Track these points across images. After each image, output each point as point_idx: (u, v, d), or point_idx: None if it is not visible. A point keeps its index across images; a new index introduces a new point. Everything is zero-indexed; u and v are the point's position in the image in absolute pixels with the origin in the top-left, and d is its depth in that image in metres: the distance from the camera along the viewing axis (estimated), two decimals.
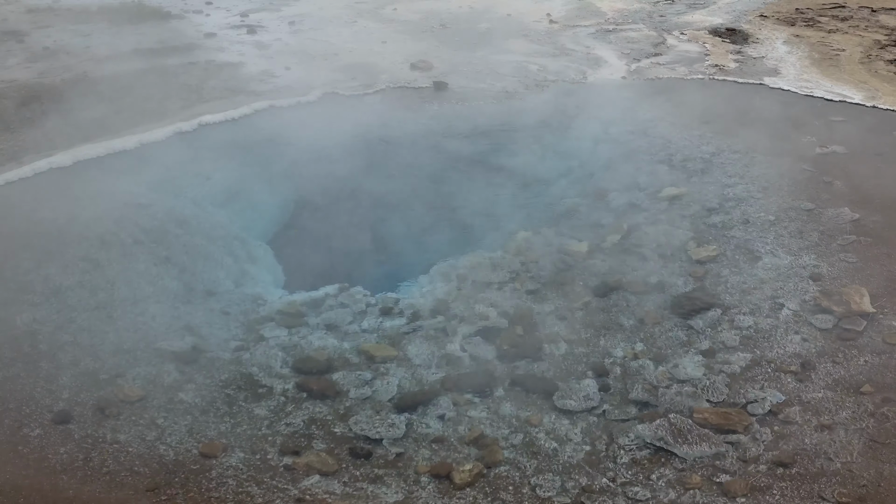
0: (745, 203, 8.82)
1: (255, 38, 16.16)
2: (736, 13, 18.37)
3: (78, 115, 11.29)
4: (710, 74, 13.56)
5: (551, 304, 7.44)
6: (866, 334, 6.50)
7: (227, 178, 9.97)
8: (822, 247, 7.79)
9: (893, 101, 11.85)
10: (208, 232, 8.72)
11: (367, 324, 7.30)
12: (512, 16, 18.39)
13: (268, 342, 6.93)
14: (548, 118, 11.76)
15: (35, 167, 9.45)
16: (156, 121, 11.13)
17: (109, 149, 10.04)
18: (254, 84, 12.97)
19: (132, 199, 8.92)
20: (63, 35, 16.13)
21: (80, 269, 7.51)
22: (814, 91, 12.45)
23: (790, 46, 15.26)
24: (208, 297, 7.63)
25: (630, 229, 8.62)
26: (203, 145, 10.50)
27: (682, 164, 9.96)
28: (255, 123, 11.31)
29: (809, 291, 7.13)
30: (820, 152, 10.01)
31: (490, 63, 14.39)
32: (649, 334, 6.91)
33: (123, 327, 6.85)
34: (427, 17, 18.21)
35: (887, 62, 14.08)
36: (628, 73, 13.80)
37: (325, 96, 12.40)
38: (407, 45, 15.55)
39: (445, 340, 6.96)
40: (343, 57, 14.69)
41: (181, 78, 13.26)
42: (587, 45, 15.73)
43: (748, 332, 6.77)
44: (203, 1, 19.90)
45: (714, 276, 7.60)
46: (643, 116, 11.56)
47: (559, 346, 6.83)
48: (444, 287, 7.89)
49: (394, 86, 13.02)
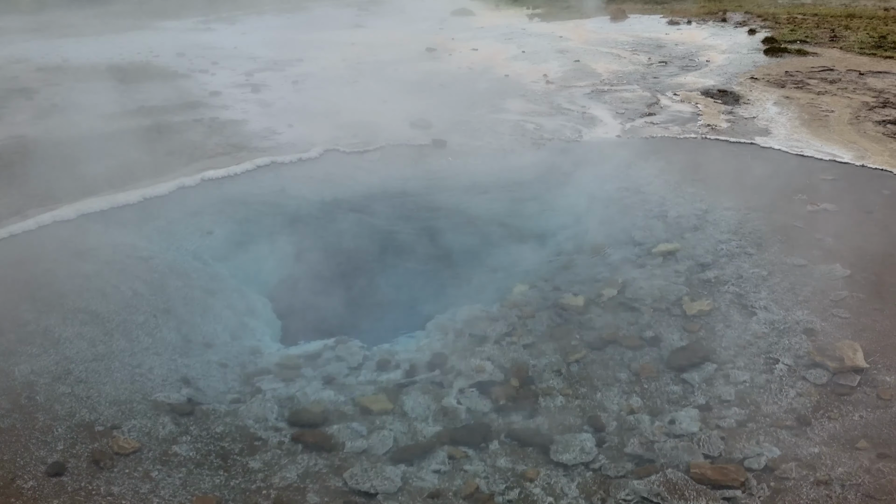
0: (739, 259, 8.95)
1: (259, 96, 16.60)
2: (727, 75, 18.89)
3: (84, 169, 11.52)
4: (703, 134, 13.89)
5: (547, 358, 7.47)
6: (861, 389, 6.53)
7: (229, 231, 10.12)
8: (815, 302, 7.88)
9: (882, 161, 12.11)
10: (208, 285, 8.81)
11: (364, 377, 7.33)
12: (510, 76, 18.90)
13: (264, 394, 6.94)
14: (544, 175, 12.01)
15: (39, 220, 9.61)
16: (160, 175, 11.36)
17: (113, 202, 10.23)
18: (256, 140, 13.27)
19: (134, 252, 9.05)
20: (71, 92, 16.57)
21: (79, 320, 7.58)
22: (804, 150, 12.74)
23: (780, 107, 15.66)
24: (206, 349, 7.66)
25: (625, 284, 8.72)
26: (205, 199, 10.71)
27: (676, 220, 10.13)
28: (256, 179, 11.55)
29: (803, 346, 7.18)
30: (811, 210, 10.19)
31: (488, 122, 14.75)
32: (645, 388, 6.93)
33: (120, 379, 6.86)
34: (427, 78, 18.72)
35: (875, 123, 14.43)
36: (623, 132, 14.13)
37: (326, 153, 12.68)
38: (407, 104, 15.95)
39: (442, 394, 6.97)
40: (344, 115, 15.05)
41: (186, 134, 13.57)
42: (583, 105, 16.13)
43: (743, 386, 6.79)
44: (209, 61, 20.51)
45: (709, 331, 7.66)
46: (637, 174, 11.80)
47: (555, 399, 6.85)
48: (440, 340, 7.95)
49: (394, 143, 13.32)
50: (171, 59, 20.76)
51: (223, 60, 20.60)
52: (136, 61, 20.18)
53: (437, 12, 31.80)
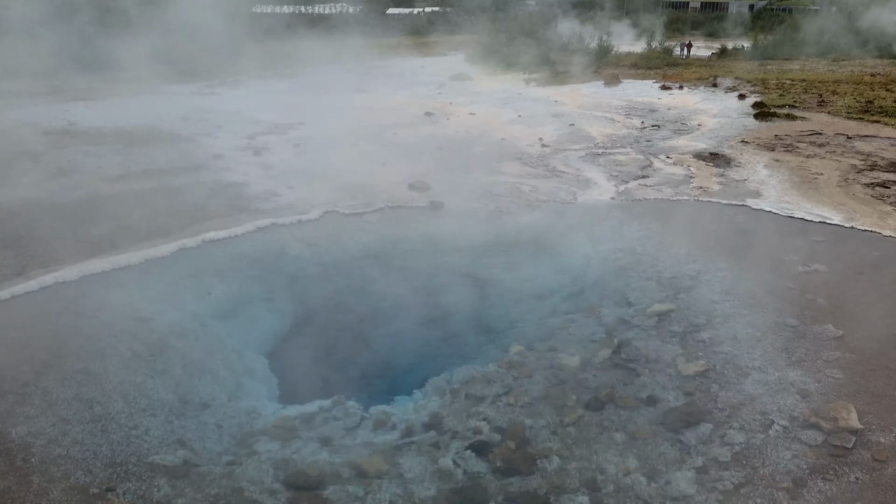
0: (732, 319, 9.05)
1: (261, 159, 16.94)
2: (719, 139, 19.34)
3: (87, 231, 11.71)
4: (696, 196, 14.16)
5: (544, 419, 7.49)
6: (856, 451, 6.55)
7: (228, 292, 10.23)
8: (809, 363, 7.95)
9: (871, 223, 12.34)
10: (206, 345, 8.87)
11: (361, 438, 7.33)
12: (506, 140, 19.33)
13: (260, 456, 6.93)
14: (540, 236, 12.21)
15: (41, 281, 9.73)
16: (161, 237, 11.54)
17: (115, 264, 10.38)
18: (257, 202, 13.51)
19: (134, 313, 9.14)
20: (77, 156, 16.90)
21: (77, 381, 7.62)
22: (795, 212, 12.99)
23: (771, 170, 16.00)
24: (203, 410, 7.68)
25: (621, 344, 8.79)
26: (206, 260, 10.86)
27: (670, 281, 10.28)
28: (257, 240, 11.73)
29: (798, 407, 7.22)
30: (802, 271, 10.35)
31: (485, 184, 15.04)
32: (641, 449, 6.94)
33: (117, 441, 6.87)
34: (425, 141, 19.14)
35: (864, 185, 14.74)
36: (617, 194, 14.41)
37: (325, 214, 12.91)
38: (405, 167, 16.28)
39: (438, 455, 6.97)
40: (344, 177, 15.35)
41: (188, 196, 13.82)
42: (577, 168, 16.47)
43: (740, 447, 6.80)
44: (213, 124, 20.98)
45: (704, 392, 7.70)
46: (632, 235, 12.00)
47: (552, 461, 6.84)
48: (437, 401, 7.97)
49: (392, 205, 13.56)
50: (175, 122, 21.24)
51: (226, 124, 21.06)
52: (141, 125, 20.63)
53: (436, 77, 32.67)
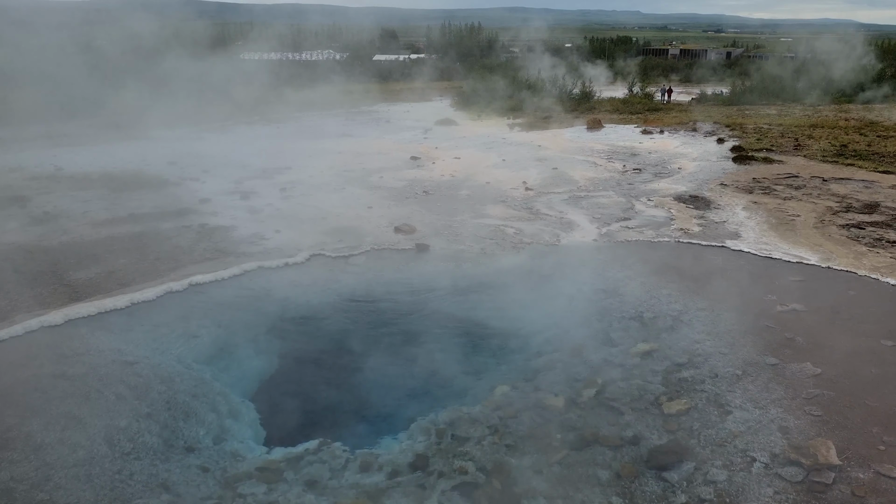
0: (713, 358, 9.19)
1: (248, 203, 17.11)
2: (698, 181, 19.76)
3: (72, 275, 11.74)
4: (676, 237, 14.43)
5: (529, 459, 7.53)
6: (835, 487, 6.64)
7: (214, 335, 10.26)
8: (788, 400, 8.08)
9: (847, 263, 12.62)
10: (191, 388, 8.87)
11: (347, 479, 7.32)
12: (490, 184, 19.64)
13: (245, 499, 6.91)
14: (524, 278, 12.37)
15: (26, 326, 9.74)
16: (148, 281, 11.60)
17: (101, 307, 10.41)
18: (244, 246, 13.62)
19: (119, 357, 9.15)
20: (63, 200, 16.99)
21: (61, 425, 7.59)
22: (772, 253, 13.27)
23: (749, 212, 16.35)
24: (187, 453, 7.65)
25: (604, 384, 8.88)
26: (192, 304, 10.91)
27: (652, 321, 10.43)
28: (243, 283, 11.81)
29: (778, 444, 7.32)
30: (781, 310, 10.55)
31: (469, 227, 15.25)
32: (626, 488, 6.98)
33: (100, 485, 6.83)
34: (411, 185, 19.41)
35: (840, 227, 15.09)
36: (599, 236, 14.65)
37: (312, 257, 13.03)
38: (391, 210, 16.50)
39: (424, 496, 6.98)
40: (331, 221, 15.53)
41: (174, 240, 13.91)
42: (560, 211, 16.75)
43: (722, 485, 6.87)
44: (200, 169, 21.18)
45: (687, 430, 7.79)
46: (614, 276, 12.20)
47: (537, 501, 6.87)
48: (423, 442, 7.99)
49: (378, 248, 13.72)
50: (162, 167, 21.41)
51: (213, 168, 21.25)
52: (129, 170, 20.78)
53: (422, 122, 33.21)
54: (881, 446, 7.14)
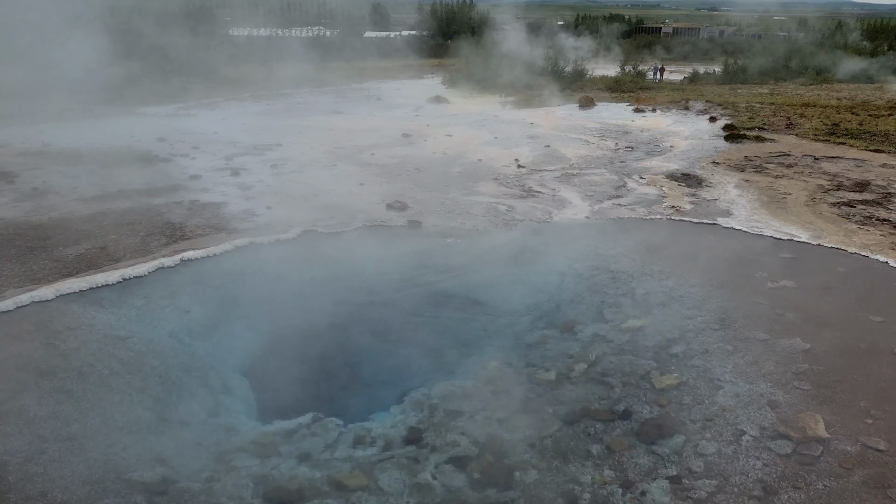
0: (704, 334, 9.26)
1: (239, 179, 16.98)
2: (690, 160, 19.77)
3: (63, 251, 11.66)
4: (668, 215, 14.47)
5: (521, 433, 7.59)
6: (823, 459, 6.74)
7: (206, 311, 10.24)
8: (778, 375, 8.16)
9: (837, 240, 12.70)
10: (184, 363, 8.87)
11: (340, 453, 7.37)
12: (483, 161, 19.58)
13: (239, 472, 6.94)
14: (516, 255, 12.38)
15: (17, 300, 9.67)
16: (139, 257, 11.53)
17: (92, 283, 10.35)
18: (235, 222, 13.54)
19: (111, 332, 9.12)
20: (52, 176, 16.81)
21: (54, 399, 7.58)
22: (764, 231, 13.33)
23: (741, 190, 16.40)
24: (181, 427, 7.67)
25: (596, 359, 8.95)
26: (184, 280, 10.87)
27: (643, 297, 10.49)
28: (235, 259, 11.76)
29: (768, 418, 7.41)
30: (771, 287, 10.62)
31: (462, 204, 15.22)
32: (617, 461, 7.06)
33: (94, 458, 6.84)
34: (403, 162, 19.32)
35: (830, 205, 15.16)
36: (591, 214, 14.67)
37: (303, 234, 12.98)
38: (383, 187, 16.43)
39: (417, 469, 7.03)
40: (322, 197, 15.45)
41: (165, 216, 13.82)
42: (553, 188, 16.74)
43: (712, 458, 6.96)
44: (190, 145, 20.99)
45: (677, 404, 7.86)
46: (606, 253, 12.23)
47: (529, 473, 6.93)
48: (416, 416, 8.04)
49: (370, 224, 13.68)
50: (151, 143, 21.20)
51: (203, 145, 21.07)
52: (117, 146, 20.56)
53: (413, 99, 33.00)
54: (868, 420, 7.24)
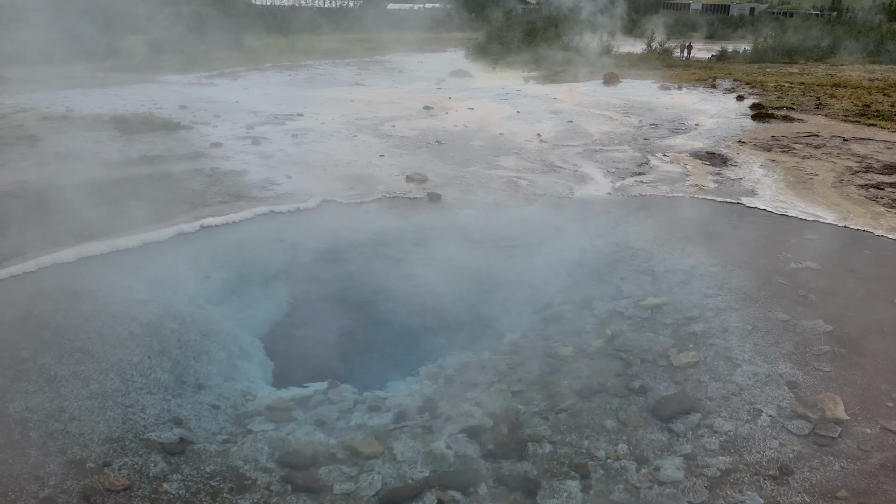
0: (724, 313, 9.16)
1: (260, 148, 16.99)
2: (715, 138, 19.45)
3: (85, 215, 11.75)
4: (691, 193, 14.27)
5: (536, 405, 7.58)
6: (841, 441, 6.66)
7: (225, 277, 10.30)
8: (798, 356, 8.06)
9: (864, 223, 12.46)
10: (203, 328, 8.94)
11: (355, 420, 7.41)
12: (504, 135, 19.41)
13: (255, 436, 7.00)
14: (536, 229, 12.30)
15: (39, 262, 9.79)
16: (159, 222, 11.60)
17: (113, 247, 10.44)
18: (255, 190, 13.57)
19: (131, 295, 9.20)
20: (75, 141, 16.92)
21: (75, 359, 7.68)
22: (789, 211, 13.11)
23: (766, 170, 16.12)
24: (199, 390, 7.75)
25: (614, 335, 8.89)
26: (203, 246, 10.93)
27: (663, 275, 10.38)
28: (254, 227, 11.81)
29: (786, 398, 7.33)
30: (795, 267, 10.46)
31: (482, 178, 15.12)
32: (631, 436, 7.03)
33: (113, 417, 6.93)
34: (424, 134, 19.21)
35: (858, 186, 14.87)
36: (613, 190, 14.51)
37: (323, 203, 12.98)
38: (403, 159, 16.36)
39: (431, 438, 7.05)
40: (342, 168, 15.43)
41: (186, 183, 13.87)
42: (574, 164, 16.57)
43: (728, 436, 6.90)
44: (211, 114, 21.03)
45: (694, 382, 7.80)
46: (627, 230, 12.11)
47: (543, 446, 6.93)
48: (431, 386, 8.06)
49: (389, 196, 13.64)
50: (173, 111, 21.27)
51: (225, 114, 21.10)
52: (140, 113, 20.64)
53: (436, 73, 32.75)
54: (889, 403, 7.13)
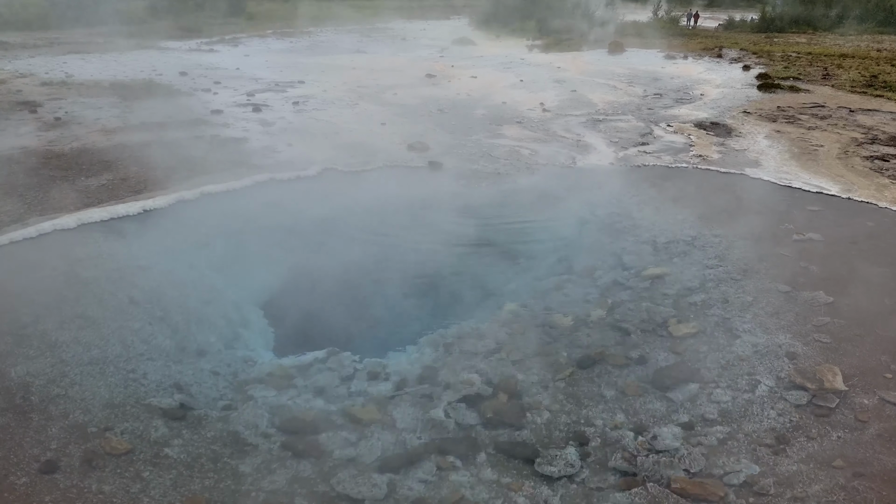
0: (725, 284, 9.14)
1: (260, 115, 16.87)
2: (720, 109, 19.27)
3: (85, 181, 11.71)
4: (694, 164, 14.17)
5: (535, 375, 7.60)
6: (839, 411, 6.68)
7: (226, 244, 10.29)
8: (798, 327, 8.06)
9: (868, 194, 12.38)
10: (203, 295, 8.95)
11: (355, 388, 7.44)
12: (507, 104, 19.25)
13: (255, 402, 7.04)
14: (538, 199, 12.25)
15: (39, 228, 9.77)
16: (160, 189, 11.56)
17: (113, 213, 10.41)
18: (256, 158, 13.49)
19: (132, 262, 9.20)
20: (74, 107, 16.81)
21: (76, 325, 7.70)
22: (792, 182, 13.02)
23: (771, 141, 15.99)
24: (199, 357, 7.78)
25: (614, 305, 8.89)
26: (204, 213, 10.90)
27: (665, 245, 10.34)
28: (255, 194, 11.76)
29: (785, 369, 7.34)
30: (797, 239, 10.42)
31: (484, 146, 15.02)
32: (630, 405, 7.06)
33: (114, 383, 6.97)
34: (425, 103, 19.04)
35: (863, 158, 14.75)
36: (616, 160, 14.41)
37: (324, 171, 12.92)
38: (405, 128, 16.24)
39: (430, 406, 7.09)
40: (343, 136, 15.32)
41: (187, 150, 13.79)
42: (577, 133, 16.44)
43: (726, 406, 6.93)
44: (212, 81, 20.85)
45: (694, 352, 7.81)
46: (629, 200, 12.04)
47: (542, 414, 6.97)
48: (431, 355, 8.08)
49: (391, 164, 13.57)
50: (173, 77, 21.09)
51: (225, 80, 20.92)
52: (140, 79, 20.48)
53: (438, 40, 32.38)
54: (888, 374, 7.14)
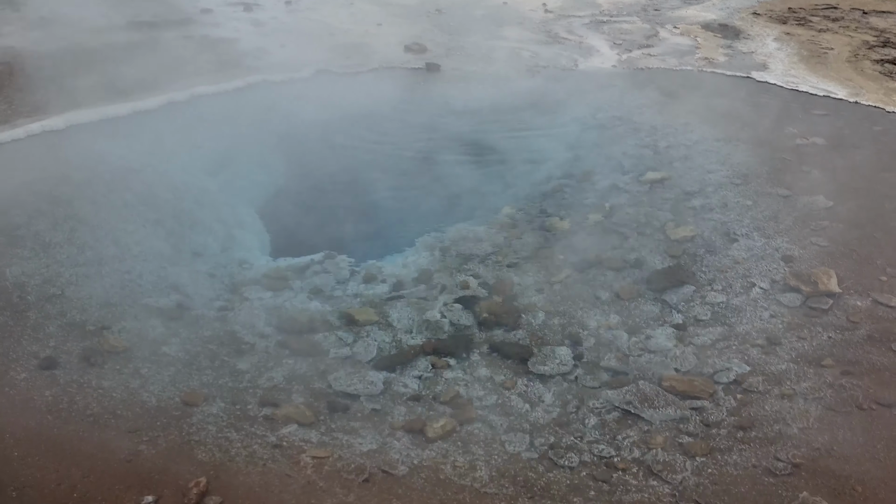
0: (725, 188, 9.03)
1: (252, 15, 16.23)
2: (729, 10, 18.55)
3: (72, 82, 11.34)
4: (700, 67, 13.75)
5: (531, 277, 7.63)
6: (831, 313, 6.73)
7: (219, 147, 10.09)
8: (796, 231, 8.01)
9: (876, 99, 12.07)
10: (198, 197, 8.86)
11: (351, 290, 7.48)
12: (508, 4, 18.50)
13: (252, 303, 7.09)
14: (537, 102, 11.96)
15: (28, 129, 9.54)
16: (149, 90, 11.21)
17: (103, 115, 10.15)
18: (248, 59, 13.05)
19: (124, 164, 9.04)
20: (59, 5, 16.10)
21: (69, 227, 7.63)
22: (799, 86, 12.66)
23: (780, 43, 15.46)
24: (195, 259, 7.78)
25: (612, 209, 8.82)
26: (195, 115, 10.64)
27: (665, 149, 10.17)
28: (247, 96, 11.46)
29: (780, 272, 7.35)
30: (800, 143, 10.22)
31: (483, 48, 14.53)
32: (624, 307, 7.12)
33: (110, 283, 6.98)
34: (423, 2, 18.29)
35: (874, 62, 14.30)
36: (619, 63, 13.98)
37: (318, 73, 12.54)
38: (402, 28, 15.66)
39: (426, 307, 7.14)
40: (338, 37, 14.79)
41: (176, 51, 13.32)
42: (580, 35, 15.89)
43: (719, 308, 6.99)
44: None
45: (690, 256, 7.81)
46: (631, 104, 11.75)
47: (537, 315, 7.03)
48: (427, 258, 8.08)
49: (387, 66, 13.16)
50: None
51: None
52: None
53: None
54: (883, 277, 7.14)
